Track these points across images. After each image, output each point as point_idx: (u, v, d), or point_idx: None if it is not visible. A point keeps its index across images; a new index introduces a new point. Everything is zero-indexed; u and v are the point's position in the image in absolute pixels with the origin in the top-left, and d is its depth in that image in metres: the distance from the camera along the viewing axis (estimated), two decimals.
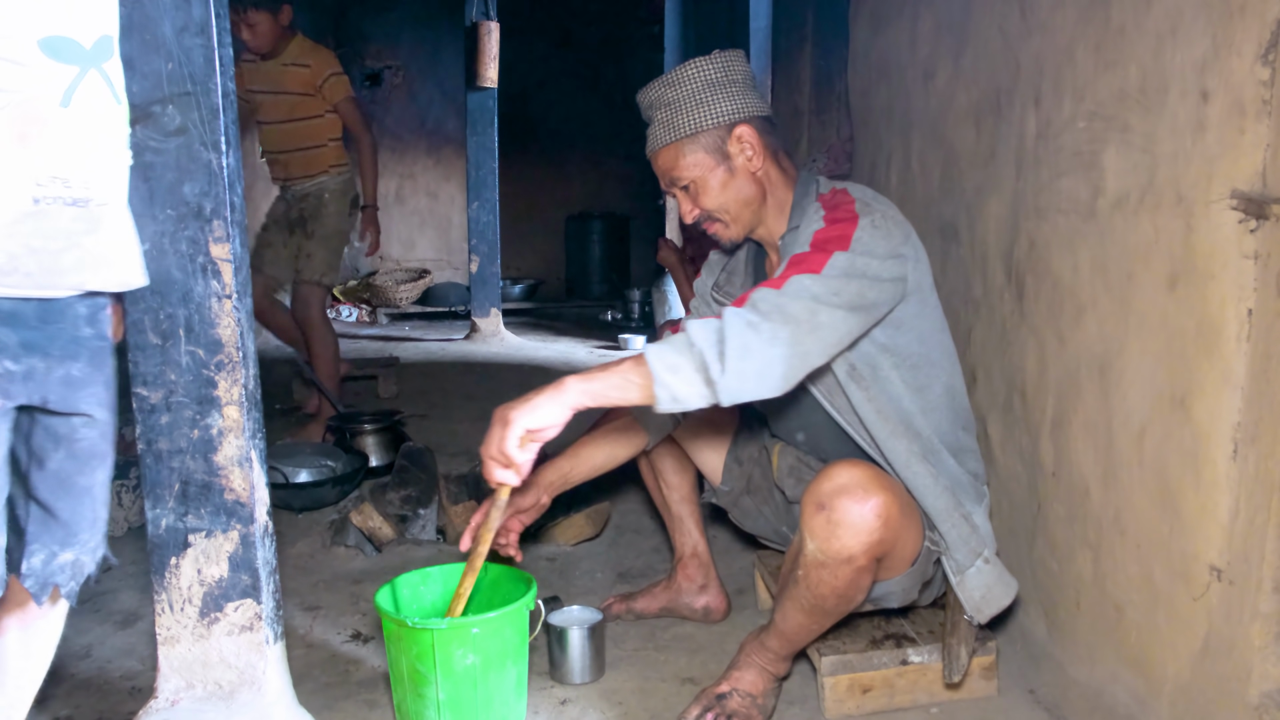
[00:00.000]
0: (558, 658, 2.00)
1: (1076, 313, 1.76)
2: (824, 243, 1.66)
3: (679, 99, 1.79)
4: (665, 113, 1.80)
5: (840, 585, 1.65)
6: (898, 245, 1.70)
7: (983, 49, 2.13)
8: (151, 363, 1.57)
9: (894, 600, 1.82)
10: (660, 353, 1.55)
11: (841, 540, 1.59)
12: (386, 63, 8.25)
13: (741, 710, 1.80)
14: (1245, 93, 1.32)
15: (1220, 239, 1.37)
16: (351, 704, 1.92)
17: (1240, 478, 1.37)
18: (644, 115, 1.87)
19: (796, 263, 1.64)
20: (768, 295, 1.58)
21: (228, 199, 1.55)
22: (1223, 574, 1.41)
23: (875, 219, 1.70)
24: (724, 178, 1.80)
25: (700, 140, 1.79)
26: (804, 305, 1.56)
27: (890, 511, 1.60)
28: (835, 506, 1.59)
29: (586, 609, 2.10)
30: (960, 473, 1.82)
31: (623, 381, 1.56)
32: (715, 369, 1.51)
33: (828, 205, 1.75)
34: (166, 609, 1.63)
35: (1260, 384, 1.33)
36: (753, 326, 1.53)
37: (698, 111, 1.78)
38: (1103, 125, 1.65)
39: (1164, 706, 1.54)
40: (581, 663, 1.99)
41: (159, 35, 1.50)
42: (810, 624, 1.75)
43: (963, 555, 1.76)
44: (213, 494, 1.60)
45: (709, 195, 1.81)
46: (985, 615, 1.77)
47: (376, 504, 2.83)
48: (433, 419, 4.23)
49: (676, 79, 1.79)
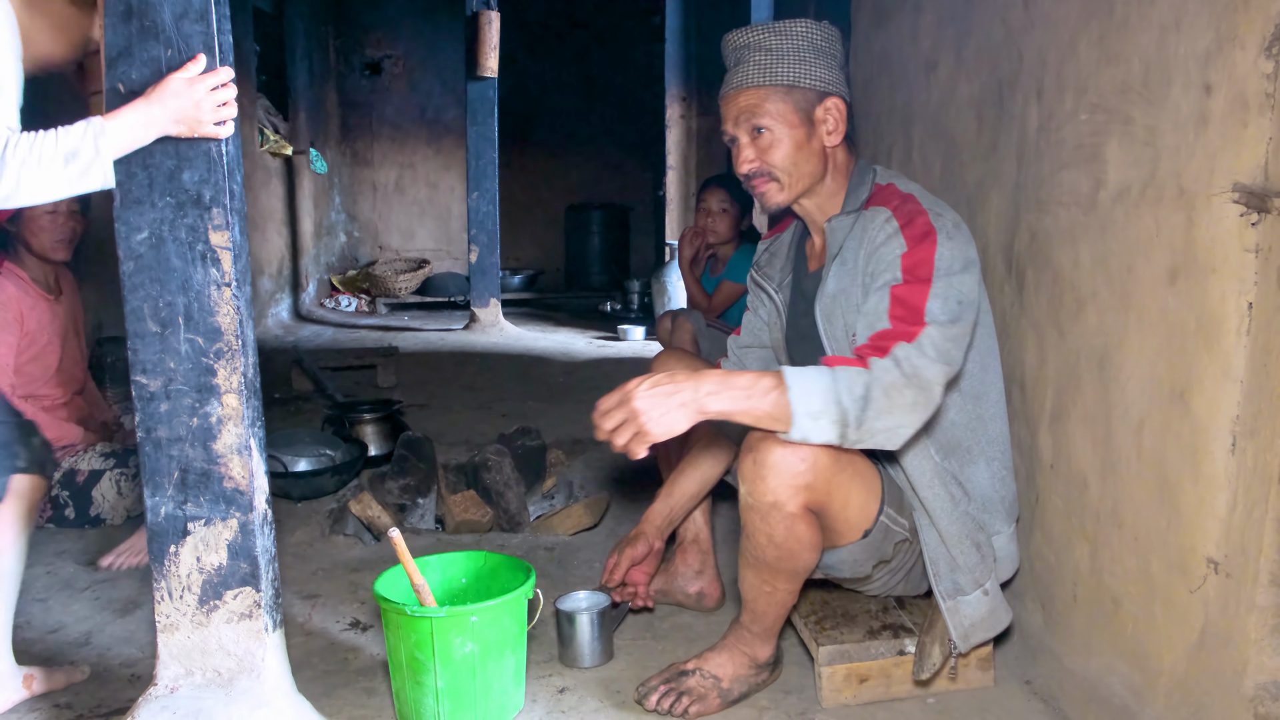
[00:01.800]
0: (566, 642, 2.01)
1: (1077, 305, 1.76)
2: (915, 268, 1.65)
3: (783, 49, 1.77)
4: (764, 56, 1.77)
5: (776, 534, 1.65)
6: (969, 252, 1.71)
7: (985, 41, 2.13)
8: (150, 351, 1.57)
9: (845, 570, 1.81)
10: (805, 395, 1.55)
11: (766, 482, 1.60)
12: (387, 52, 8.23)
13: (698, 690, 1.82)
14: (1248, 86, 1.32)
15: (1221, 232, 1.37)
16: (350, 691, 1.92)
17: (1238, 471, 1.37)
18: (731, 55, 1.82)
19: (903, 304, 1.63)
20: (910, 355, 1.58)
21: (227, 186, 1.54)
22: (1220, 566, 1.41)
23: (947, 228, 1.70)
24: (800, 140, 1.79)
25: (794, 95, 1.77)
26: (938, 371, 1.60)
27: (818, 459, 1.59)
28: (760, 448, 1.61)
29: (595, 593, 2.11)
30: (995, 488, 1.84)
31: (759, 411, 1.57)
32: (853, 428, 1.56)
33: (900, 216, 1.71)
34: (166, 596, 1.63)
35: (1260, 378, 1.33)
36: (897, 390, 1.56)
37: (799, 67, 1.77)
38: (1105, 118, 1.65)
39: (1160, 698, 1.55)
40: (590, 647, 2.00)
41: (158, 21, 1.50)
42: (761, 583, 1.76)
43: (964, 580, 1.76)
44: (212, 482, 1.60)
45: (779, 151, 1.78)
46: (968, 644, 1.79)
47: (375, 493, 2.83)
48: (432, 409, 4.23)
49: (784, 30, 1.77)
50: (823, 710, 1.85)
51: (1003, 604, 1.82)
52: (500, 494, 2.81)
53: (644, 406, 1.55)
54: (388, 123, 8.30)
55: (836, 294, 1.78)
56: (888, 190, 1.80)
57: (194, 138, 1.52)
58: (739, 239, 3.44)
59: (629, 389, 1.58)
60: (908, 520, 1.77)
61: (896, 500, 1.76)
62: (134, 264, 1.55)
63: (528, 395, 4.55)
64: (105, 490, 2.75)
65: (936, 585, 1.76)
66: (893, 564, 1.83)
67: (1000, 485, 1.86)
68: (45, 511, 2.75)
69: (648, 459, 2.17)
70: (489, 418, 4.04)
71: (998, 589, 1.81)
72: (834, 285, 1.79)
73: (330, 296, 7.67)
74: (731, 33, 1.83)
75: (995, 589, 1.80)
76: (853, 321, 1.74)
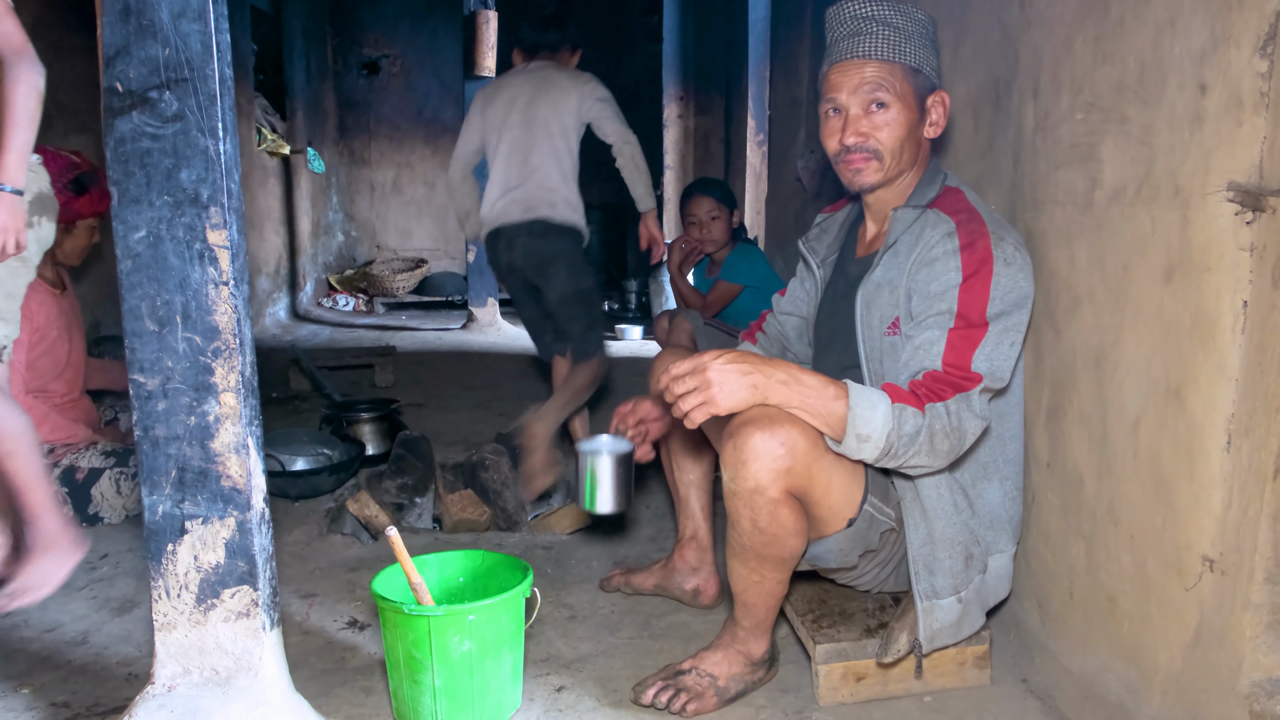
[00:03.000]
0: (587, 485, 1.98)
1: (1073, 304, 1.76)
2: (970, 306, 1.67)
3: (910, 30, 1.77)
4: (893, 33, 1.76)
5: (760, 519, 1.66)
6: (1025, 282, 1.72)
7: (981, 41, 2.13)
8: (148, 349, 1.57)
9: (830, 560, 1.82)
10: (864, 419, 1.60)
11: (747, 467, 1.61)
12: (384, 51, 8.23)
13: (695, 688, 1.82)
14: (1243, 85, 1.32)
15: (1216, 231, 1.37)
16: (348, 690, 1.92)
17: (1234, 469, 1.38)
18: (848, 24, 1.78)
19: (956, 350, 1.66)
20: (960, 409, 1.63)
21: (225, 185, 1.54)
22: (1215, 564, 1.41)
23: (1007, 253, 1.70)
24: (912, 124, 1.79)
25: (917, 79, 1.78)
26: (979, 426, 1.66)
27: (798, 444, 1.60)
28: (740, 434, 1.62)
29: (617, 439, 2.07)
30: (1005, 507, 1.86)
31: (817, 413, 1.62)
32: (890, 458, 1.63)
33: (963, 234, 1.71)
34: (163, 595, 1.63)
35: (1255, 375, 1.33)
36: (941, 438, 1.62)
37: (923, 53, 1.78)
38: (1100, 117, 1.66)
39: (1155, 696, 1.55)
40: (611, 489, 1.98)
41: (156, 20, 1.50)
42: (749, 573, 1.76)
43: (942, 584, 1.77)
44: (209, 481, 1.60)
45: (892, 131, 1.78)
46: (932, 646, 1.80)
47: (373, 492, 2.83)
48: (429, 408, 4.23)
49: (910, 14, 1.77)
50: (819, 708, 1.85)
51: (972, 613, 1.82)
52: (498, 493, 2.81)
53: (718, 379, 1.59)
54: (385, 122, 8.30)
55: (882, 284, 1.80)
56: (955, 195, 1.80)
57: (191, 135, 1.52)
58: (733, 240, 3.44)
59: (704, 359, 1.62)
60: (894, 510, 1.78)
61: (881, 490, 1.77)
62: (132, 263, 1.55)
63: (525, 394, 4.54)
64: (104, 489, 2.76)
65: (915, 584, 1.77)
66: (880, 555, 1.83)
67: (1010, 505, 1.87)
68: None
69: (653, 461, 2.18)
70: (487, 417, 4.04)
71: (974, 598, 1.81)
72: (881, 274, 1.81)
73: (328, 296, 7.67)
74: (849, 0, 1.79)
75: (971, 598, 1.81)
76: (889, 314, 1.77)
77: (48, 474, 2.19)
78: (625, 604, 2.30)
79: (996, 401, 1.81)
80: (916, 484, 1.75)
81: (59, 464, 2.76)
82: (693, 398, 1.61)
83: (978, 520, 1.81)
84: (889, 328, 1.78)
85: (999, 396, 1.81)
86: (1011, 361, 1.72)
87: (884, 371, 1.79)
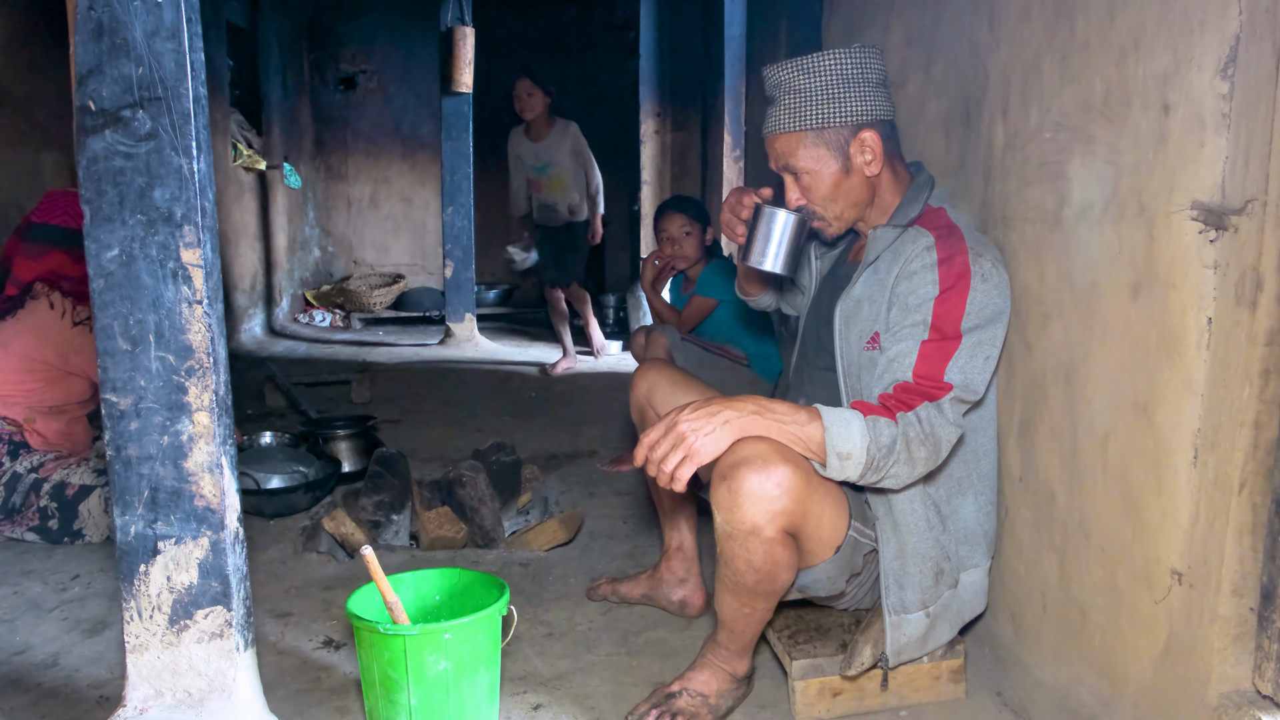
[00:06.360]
0: (759, 239, 1.87)
1: (1043, 320, 1.78)
2: (945, 319, 1.70)
3: (810, 89, 1.77)
4: (793, 99, 1.79)
5: (755, 559, 1.65)
6: (1000, 299, 1.75)
7: (952, 60, 2.16)
8: (121, 368, 1.56)
9: (820, 589, 1.83)
10: (841, 437, 1.62)
11: (743, 509, 1.60)
12: (361, 67, 8.22)
13: (689, 709, 1.82)
14: (1205, 106, 1.35)
15: (1181, 249, 1.40)
16: (323, 711, 1.91)
17: (1200, 482, 1.40)
18: (768, 93, 1.84)
19: (928, 362, 1.68)
20: (931, 415, 1.66)
21: (199, 204, 1.54)
22: (1183, 577, 1.43)
23: (984, 269, 1.72)
24: (838, 177, 1.81)
25: (824, 136, 1.79)
26: (953, 433, 1.68)
27: (794, 483, 1.60)
28: (735, 476, 1.60)
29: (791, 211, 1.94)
30: (979, 522, 1.87)
31: (796, 438, 1.64)
32: (873, 471, 1.65)
33: (941, 249, 1.73)
34: (135, 616, 1.62)
35: (1220, 391, 1.35)
36: (916, 445, 1.64)
37: (828, 107, 1.77)
38: (1068, 136, 1.68)
39: (1127, 708, 1.57)
40: (778, 247, 1.85)
41: (129, 39, 1.50)
42: (740, 606, 1.76)
43: (911, 599, 1.78)
44: (183, 500, 1.60)
45: (819, 191, 1.82)
46: (898, 660, 1.81)
47: (349, 510, 2.81)
48: (406, 424, 4.21)
49: (812, 67, 1.77)
50: None
51: (939, 628, 1.83)
52: (475, 510, 2.80)
53: (689, 429, 1.60)
54: (362, 137, 8.28)
55: (861, 299, 1.83)
56: (936, 214, 1.83)
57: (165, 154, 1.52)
58: (707, 256, 3.46)
59: (670, 417, 1.63)
60: (873, 531, 1.79)
61: (860, 512, 1.78)
62: (104, 281, 1.55)
63: (503, 410, 4.54)
64: (92, 506, 2.73)
65: (885, 597, 1.78)
66: (862, 575, 1.84)
67: (984, 519, 1.89)
68: (30, 520, 2.72)
69: None
70: (464, 433, 4.03)
71: (942, 613, 1.83)
72: (861, 290, 1.83)
73: (304, 311, 7.63)
74: (767, 67, 1.84)
75: (939, 613, 1.82)
76: (868, 329, 1.79)
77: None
78: (603, 620, 2.30)
79: (971, 415, 1.82)
80: (890, 499, 1.76)
81: (49, 478, 2.74)
82: (673, 457, 1.60)
83: (949, 536, 1.83)
84: (868, 342, 1.79)
85: (974, 410, 1.83)
86: (986, 375, 1.74)
87: (861, 386, 1.81)
